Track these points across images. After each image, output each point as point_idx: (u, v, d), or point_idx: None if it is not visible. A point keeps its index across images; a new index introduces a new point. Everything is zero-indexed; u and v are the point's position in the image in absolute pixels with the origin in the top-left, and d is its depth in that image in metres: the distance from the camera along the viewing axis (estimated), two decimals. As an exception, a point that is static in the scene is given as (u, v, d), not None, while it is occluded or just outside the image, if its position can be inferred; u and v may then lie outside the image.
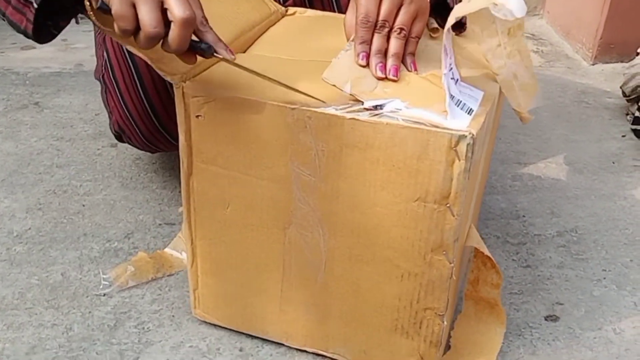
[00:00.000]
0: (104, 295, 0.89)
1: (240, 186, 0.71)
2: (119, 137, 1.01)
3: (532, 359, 0.82)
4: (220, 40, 0.64)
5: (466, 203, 0.67)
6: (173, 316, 0.86)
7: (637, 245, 1.03)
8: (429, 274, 0.68)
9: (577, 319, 0.88)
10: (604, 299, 0.92)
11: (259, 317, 0.80)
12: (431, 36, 0.78)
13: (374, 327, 0.74)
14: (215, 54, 0.63)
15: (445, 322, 0.71)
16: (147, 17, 0.58)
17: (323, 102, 0.64)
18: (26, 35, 0.72)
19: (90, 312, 0.86)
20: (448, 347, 0.80)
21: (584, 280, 0.95)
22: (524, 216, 1.09)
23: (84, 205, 1.08)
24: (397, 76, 0.68)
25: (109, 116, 1.00)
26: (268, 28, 0.84)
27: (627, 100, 1.42)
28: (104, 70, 0.97)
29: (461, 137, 0.60)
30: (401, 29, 0.69)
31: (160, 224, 1.03)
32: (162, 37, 0.60)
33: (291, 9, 0.89)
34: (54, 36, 0.75)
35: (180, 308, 0.87)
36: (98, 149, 1.24)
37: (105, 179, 1.15)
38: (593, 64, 1.71)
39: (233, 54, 0.64)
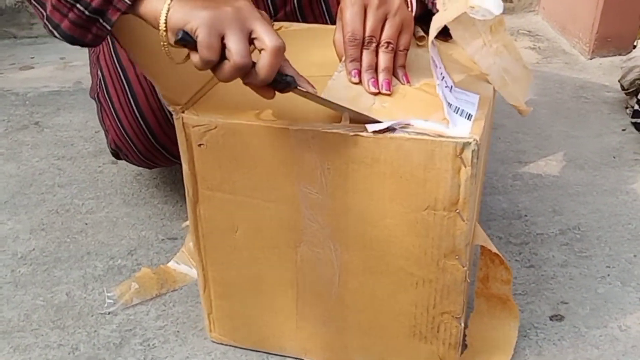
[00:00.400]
0: (109, 313, 0.90)
1: (248, 210, 0.72)
2: (117, 155, 1.02)
3: (539, 359, 0.82)
4: (298, 73, 0.64)
5: (473, 206, 0.67)
6: (178, 332, 0.86)
7: (641, 240, 1.03)
8: (443, 279, 0.69)
9: (582, 317, 0.88)
10: (608, 296, 0.92)
11: (276, 336, 0.81)
12: (418, 45, 0.78)
13: (392, 335, 0.75)
14: (299, 87, 0.63)
15: (462, 324, 0.72)
16: (237, 47, 0.58)
17: (379, 121, 0.64)
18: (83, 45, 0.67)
19: (95, 331, 0.87)
20: (465, 346, 0.80)
21: (588, 278, 0.95)
22: (525, 215, 1.09)
23: (86, 224, 1.08)
24: (389, 90, 0.69)
25: (106, 135, 1.00)
26: None
27: (626, 94, 1.41)
28: (98, 89, 0.98)
29: (466, 145, 0.61)
30: (388, 42, 0.70)
31: (163, 239, 1.04)
32: (249, 67, 0.59)
33: (277, 24, 0.89)
34: (107, 31, 0.70)
35: (185, 323, 0.88)
36: (99, 167, 1.24)
37: (107, 196, 1.15)
38: (591, 59, 1.71)
39: (314, 87, 0.64)
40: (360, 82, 0.70)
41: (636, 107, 1.34)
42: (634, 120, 1.35)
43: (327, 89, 0.68)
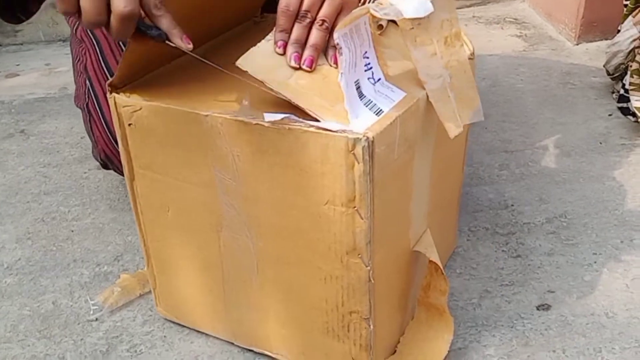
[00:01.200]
0: (96, 319, 0.89)
1: (176, 191, 0.74)
2: (106, 166, 1.02)
3: (525, 350, 0.81)
4: (176, 27, 0.63)
5: (389, 209, 0.66)
6: (165, 336, 0.86)
7: (627, 225, 1.02)
8: (348, 277, 0.68)
9: (569, 306, 0.88)
10: (595, 284, 0.91)
11: (209, 317, 0.83)
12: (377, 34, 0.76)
13: (308, 329, 0.75)
14: (168, 42, 0.62)
15: (371, 326, 0.70)
16: (88, 6, 0.59)
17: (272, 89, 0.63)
18: None
19: (82, 339, 0.87)
20: (394, 351, 0.79)
21: (575, 265, 0.95)
22: (512, 205, 1.09)
23: (72, 231, 1.08)
24: (311, 67, 0.67)
25: (94, 145, 1.00)
26: (239, 34, 0.85)
27: (612, 79, 1.41)
28: (87, 99, 0.97)
29: (357, 140, 0.60)
30: (323, 20, 0.67)
31: (149, 244, 1.04)
32: (102, 24, 0.60)
33: (265, 15, 0.89)
34: (20, 20, 0.75)
35: (172, 327, 0.88)
36: (85, 173, 1.24)
37: (93, 202, 1.15)
38: (577, 44, 1.70)
39: (189, 43, 0.63)
40: (284, 54, 0.68)
41: (622, 91, 1.33)
42: (620, 104, 1.34)
43: (247, 54, 0.65)
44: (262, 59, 0.66)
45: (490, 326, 0.85)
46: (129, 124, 0.72)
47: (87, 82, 0.97)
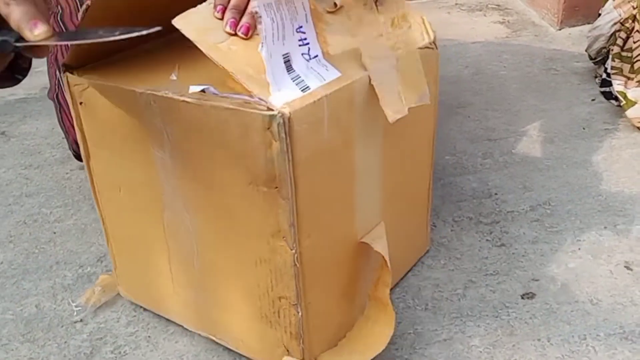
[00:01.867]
0: (80, 321, 0.89)
1: (125, 170, 0.75)
2: (78, 157, 1.00)
3: (511, 339, 0.81)
4: (28, 16, 0.53)
5: (314, 190, 0.64)
6: (149, 337, 0.86)
7: (611, 211, 1.02)
8: (275, 261, 0.67)
9: (553, 293, 0.88)
10: (579, 271, 0.91)
11: (161, 297, 0.84)
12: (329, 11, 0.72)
13: (245, 315, 0.74)
14: (17, 46, 0.52)
15: (300, 313, 0.69)
16: None
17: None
18: None
19: (66, 342, 0.86)
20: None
21: (559, 253, 0.95)
22: (496, 194, 1.09)
23: (55, 233, 1.07)
24: (247, 35, 0.64)
25: (66, 136, 0.98)
26: None
27: (594, 63, 1.41)
28: (57, 90, 0.96)
29: (272, 117, 0.58)
30: None
31: (132, 244, 1.03)
32: None
33: None
34: (18, 80, 0.70)
35: (156, 327, 0.87)
36: (67, 173, 1.23)
37: (76, 203, 1.14)
38: (560, 29, 1.70)
39: (37, 28, 0.52)
40: (222, 20, 0.65)
41: (604, 75, 1.33)
42: (602, 89, 1.34)
43: (184, 15, 0.63)
44: (199, 21, 0.64)
45: (475, 316, 0.85)
46: (80, 102, 0.74)
47: (57, 72, 0.95)
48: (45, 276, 0.98)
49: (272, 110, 0.59)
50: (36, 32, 0.52)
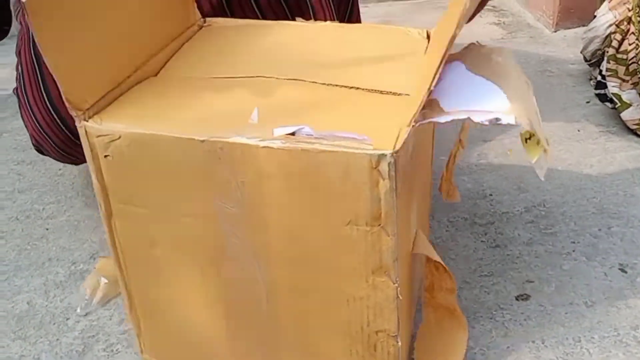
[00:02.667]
0: (86, 314, 0.88)
1: (165, 225, 0.67)
2: (40, 151, 0.99)
3: (505, 341, 0.81)
4: None
5: (402, 219, 0.63)
6: (142, 335, 0.85)
7: (605, 213, 1.03)
8: (375, 297, 0.65)
9: (547, 295, 0.88)
10: (574, 272, 0.91)
11: (210, 355, 0.76)
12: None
13: (329, 355, 0.71)
14: None
15: (399, 342, 0.67)
16: None
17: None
18: None
19: (57, 339, 0.85)
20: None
21: (554, 255, 0.95)
22: (491, 195, 1.09)
23: (47, 229, 1.06)
24: None
25: (28, 131, 0.97)
26: (183, 43, 0.79)
27: (589, 65, 1.41)
28: (17, 84, 0.95)
29: (381, 157, 0.56)
30: None
31: (125, 241, 1.02)
32: None
33: (209, 20, 0.85)
34: (5, 32, 0.71)
35: (149, 326, 0.86)
36: (60, 169, 1.22)
37: (69, 199, 1.13)
38: (555, 31, 1.70)
39: None
40: None
41: (599, 77, 1.33)
42: (597, 91, 1.34)
43: None
44: None
45: (469, 317, 0.84)
46: (105, 156, 0.63)
47: (19, 67, 0.94)
48: (37, 273, 0.97)
49: (379, 150, 0.56)
50: None
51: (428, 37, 0.80)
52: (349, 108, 0.66)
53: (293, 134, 0.59)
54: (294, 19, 0.91)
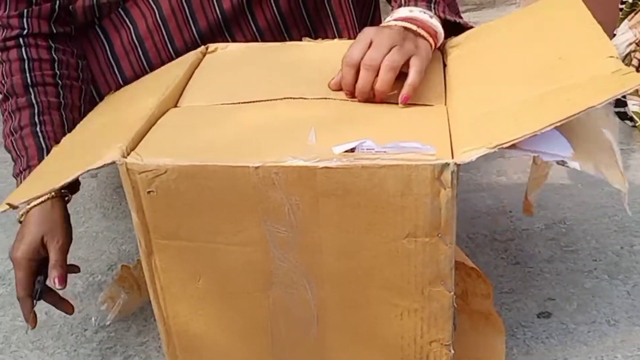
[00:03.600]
0: (109, 324, 0.88)
1: (210, 256, 0.66)
2: None
3: (527, 359, 0.80)
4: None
5: (455, 228, 0.64)
6: (159, 347, 0.85)
7: (627, 231, 1.01)
8: (429, 307, 0.65)
9: (569, 313, 0.87)
10: (596, 291, 0.90)
11: None
12: None
13: None
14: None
15: (452, 351, 0.68)
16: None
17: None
18: None
19: (75, 350, 0.85)
20: None
21: (575, 272, 0.94)
22: (510, 211, 1.08)
23: (66, 240, 1.06)
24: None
25: None
26: (193, 72, 0.80)
27: (609, 83, 1.40)
28: None
29: (444, 166, 0.57)
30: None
31: (143, 253, 1.02)
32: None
33: (211, 46, 0.85)
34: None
35: (167, 338, 0.86)
36: (78, 181, 1.22)
37: (87, 210, 1.14)
38: (573, 49, 1.70)
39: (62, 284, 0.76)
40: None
41: (619, 96, 1.33)
42: (617, 109, 1.33)
43: None
44: None
45: (490, 335, 0.84)
46: (149, 192, 0.62)
47: None
48: (56, 283, 0.97)
49: (441, 159, 0.57)
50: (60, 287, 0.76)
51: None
52: (389, 121, 0.67)
53: (352, 150, 0.59)
54: (314, 29, 0.92)
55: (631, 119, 1.28)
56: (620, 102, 1.32)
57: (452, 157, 0.58)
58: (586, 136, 0.65)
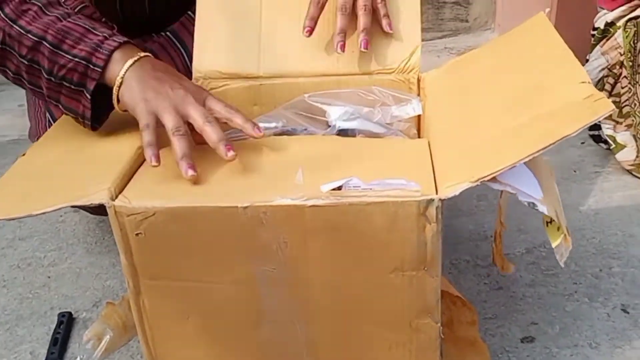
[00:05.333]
0: None
1: (199, 295, 0.66)
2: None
3: (512, 384, 0.81)
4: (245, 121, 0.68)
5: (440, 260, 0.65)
6: (147, 384, 0.85)
7: (605, 253, 1.03)
8: (417, 340, 0.66)
9: (552, 337, 0.88)
10: (577, 314, 0.92)
11: None
12: None
13: None
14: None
15: None
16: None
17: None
18: (83, 119, 0.73)
19: (61, 390, 0.85)
20: None
21: (556, 296, 0.95)
22: (492, 236, 1.09)
23: (49, 277, 1.06)
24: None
25: None
26: None
27: (583, 107, 1.43)
28: (41, 133, 0.95)
29: (429, 202, 0.59)
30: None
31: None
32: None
33: None
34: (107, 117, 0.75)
35: (154, 374, 0.86)
36: (61, 216, 1.22)
37: (70, 246, 1.13)
38: (547, 73, 1.73)
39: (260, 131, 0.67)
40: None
41: (593, 119, 1.36)
42: (592, 132, 1.36)
43: None
44: None
45: (475, 361, 0.84)
46: (137, 234, 0.63)
47: (48, 114, 0.95)
48: (40, 322, 0.97)
49: (426, 195, 0.59)
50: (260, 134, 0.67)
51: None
52: (374, 157, 0.68)
53: (339, 187, 0.60)
54: None
55: (605, 142, 1.30)
56: (595, 126, 1.35)
57: (437, 192, 0.60)
58: (547, 184, 0.67)
